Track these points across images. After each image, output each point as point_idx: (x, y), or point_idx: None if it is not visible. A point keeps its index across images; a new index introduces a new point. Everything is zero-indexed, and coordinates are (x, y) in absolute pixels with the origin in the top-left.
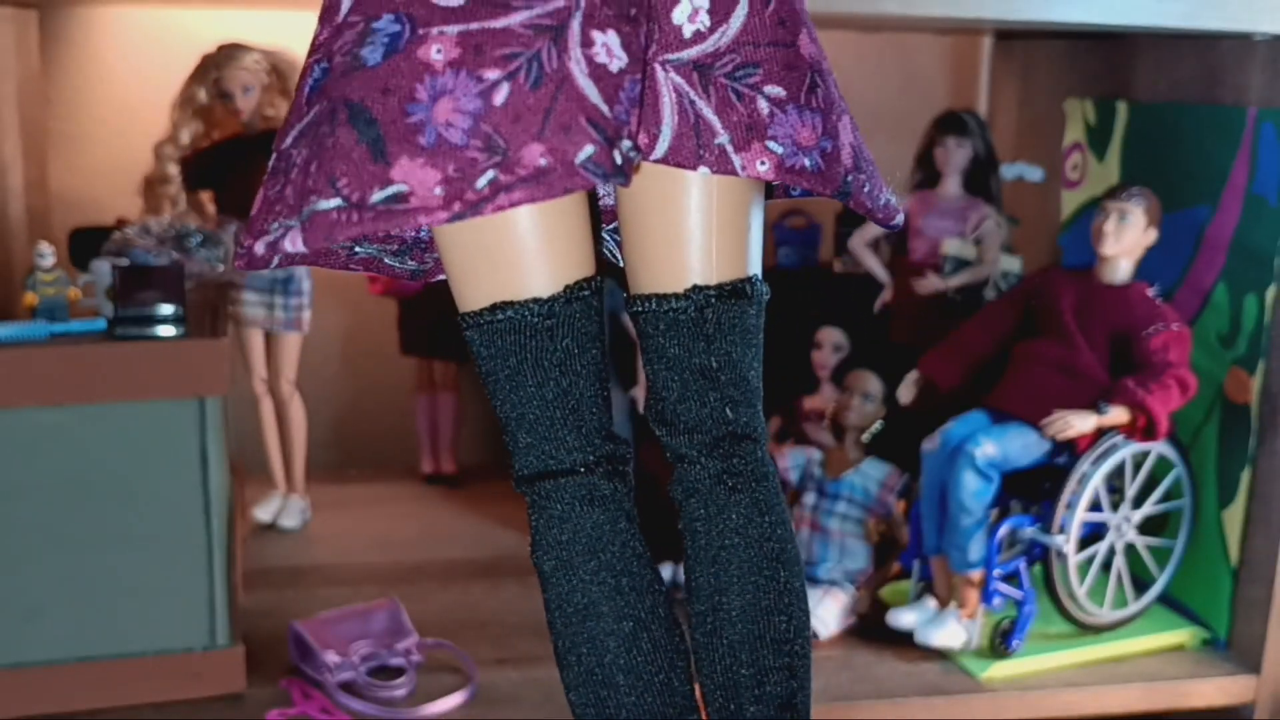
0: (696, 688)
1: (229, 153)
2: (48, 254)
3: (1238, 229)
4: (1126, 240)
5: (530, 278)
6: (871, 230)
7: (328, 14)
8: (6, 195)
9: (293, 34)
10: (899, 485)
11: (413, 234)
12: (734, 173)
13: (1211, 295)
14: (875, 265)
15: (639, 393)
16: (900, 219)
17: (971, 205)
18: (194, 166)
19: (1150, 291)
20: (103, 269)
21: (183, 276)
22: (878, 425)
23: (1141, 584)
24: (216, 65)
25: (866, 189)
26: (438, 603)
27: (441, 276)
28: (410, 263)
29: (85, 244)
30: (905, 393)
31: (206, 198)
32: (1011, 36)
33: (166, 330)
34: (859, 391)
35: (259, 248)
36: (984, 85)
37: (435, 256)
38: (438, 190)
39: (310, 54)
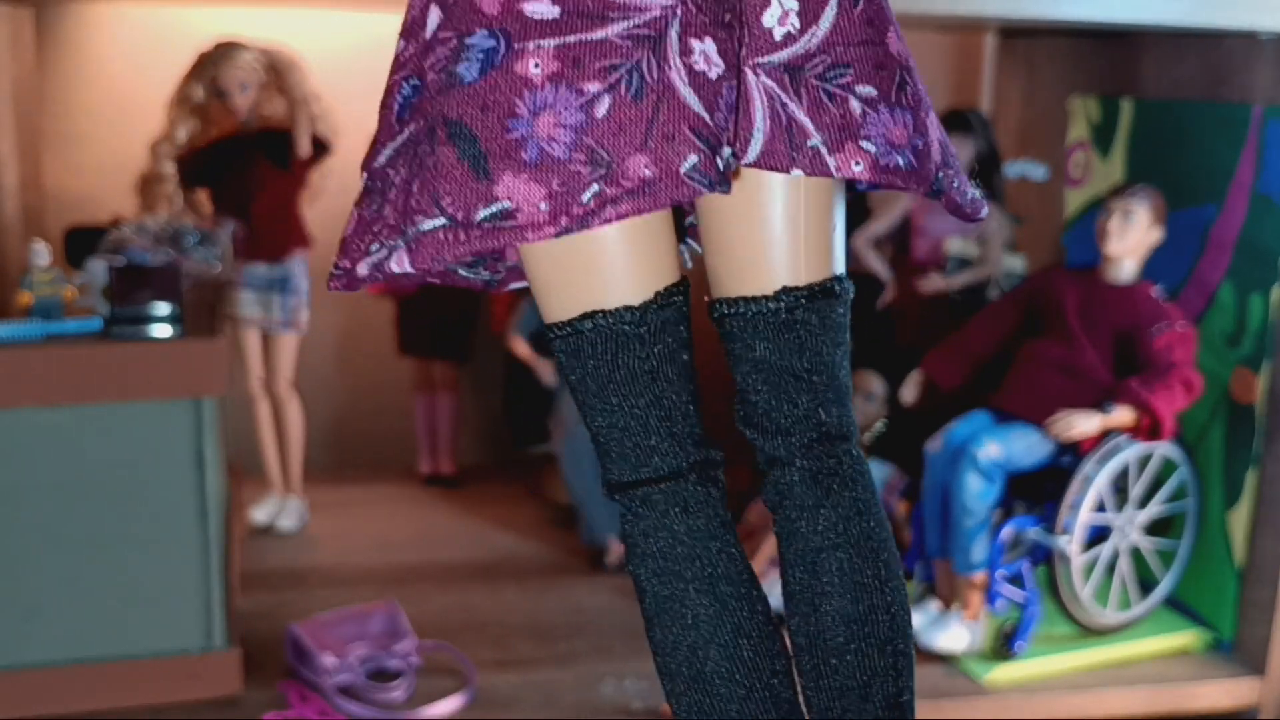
0: (799, 691)
1: (226, 151)
2: (43, 253)
3: (1244, 228)
4: (1131, 239)
5: (621, 285)
6: (874, 229)
7: (412, 30)
8: (1, 194)
9: (289, 32)
10: (901, 486)
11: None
12: (828, 174)
13: (1217, 294)
14: (877, 264)
15: None
16: (985, 211)
17: None
18: (190, 165)
19: (1155, 291)
20: (98, 268)
21: (179, 276)
22: (880, 426)
23: (1146, 586)
24: (213, 63)
25: (956, 184)
26: (436, 605)
27: (514, 285)
28: (484, 273)
29: (81, 243)
30: (908, 393)
31: (203, 196)
32: (1015, 34)
33: (163, 330)
34: (861, 392)
35: (362, 269)
36: (987, 83)
37: (508, 265)
38: (543, 206)
39: (395, 71)
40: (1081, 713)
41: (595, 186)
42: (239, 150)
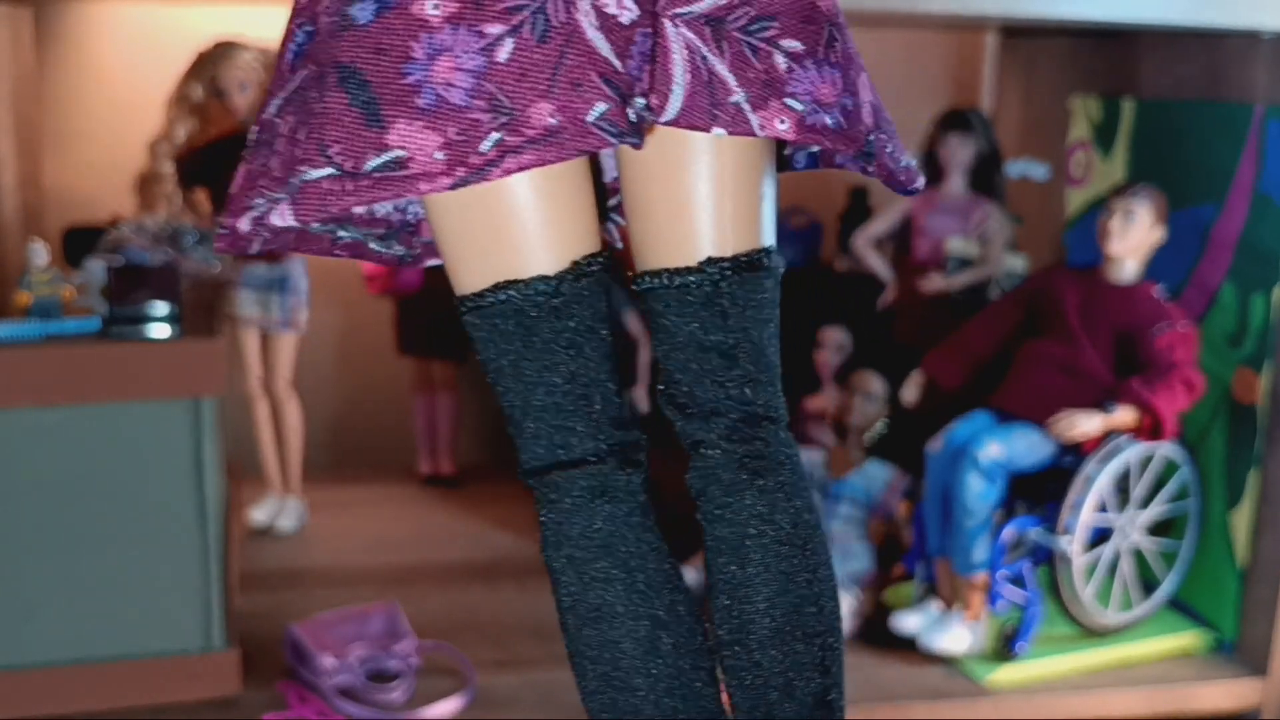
0: (722, 689)
1: (225, 150)
2: (42, 252)
3: (1245, 227)
4: (1132, 239)
5: (534, 254)
6: (874, 229)
7: None
8: (0, 193)
9: None
10: (903, 487)
11: (399, 217)
12: (751, 133)
13: (1219, 294)
14: (878, 264)
15: (639, 391)
16: (921, 183)
17: (975, 203)
18: (189, 164)
19: (1156, 291)
20: (97, 268)
21: (178, 275)
22: (880, 426)
23: (1148, 587)
24: (212, 62)
25: (889, 150)
26: (436, 605)
27: (430, 262)
28: (397, 248)
29: (80, 242)
30: (908, 393)
31: (202, 196)
32: (1016, 33)
33: (162, 330)
34: (862, 392)
35: (243, 224)
36: (988, 82)
37: (424, 241)
38: (439, 155)
39: (292, 18)
40: (1083, 714)
41: (496, 135)
42: (238, 150)
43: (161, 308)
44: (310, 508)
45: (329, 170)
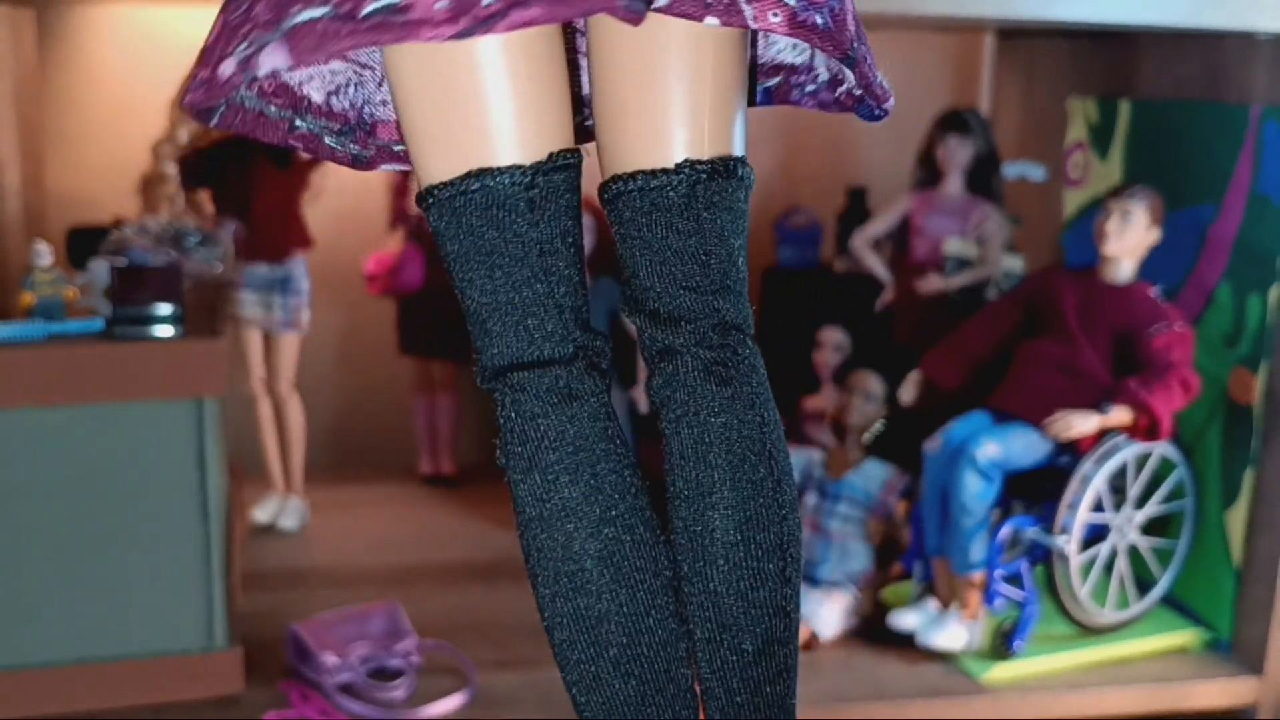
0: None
1: (227, 152)
2: (45, 253)
3: (1241, 228)
4: (1129, 239)
5: (509, 142)
6: (873, 229)
7: None
8: (3, 194)
9: None
10: (901, 486)
11: (355, 115)
12: (744, 24)
13: (1215, 295)
14: (877, 265)
15: (638, 393)
16: (892, 103)
17: (973, 204)
18: (192, 165)
19: (1153, 291)
20: (100, 268)
21: (181, 276)
22: (879, 425)
23: (1144, 585)
24: None
25: (869, 60)
26: (436, 604)
27: (385, 166)
28: (352, 146)
29: (83, 243)
30: (907, 393)
31: (205, 197)
32: (1014, 35)
33: (164, 330)
34: (860, 391)
35: (226, 68)
36: (986, 84)
37: (379, 144)
38: (441, 3)
39: None
40: (1079, 711)
41: None
42: (240, 151)
43: (164, 308)
44: (312, 507)
45: (324, 10)
